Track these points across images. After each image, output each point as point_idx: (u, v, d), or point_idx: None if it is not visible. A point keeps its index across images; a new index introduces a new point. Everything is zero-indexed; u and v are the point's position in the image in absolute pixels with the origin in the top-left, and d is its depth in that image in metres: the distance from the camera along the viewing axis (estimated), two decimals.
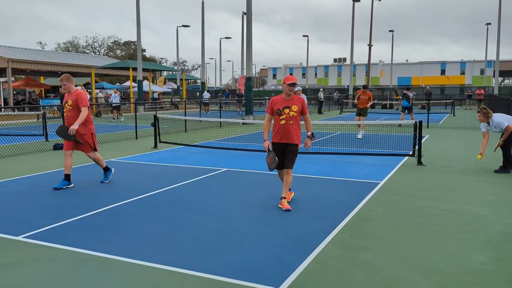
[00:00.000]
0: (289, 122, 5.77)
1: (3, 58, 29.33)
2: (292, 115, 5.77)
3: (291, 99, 5.85)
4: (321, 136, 14.84)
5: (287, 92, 5.84)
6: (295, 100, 5.85)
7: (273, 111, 5.88)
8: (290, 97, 5.86)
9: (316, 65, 78.79)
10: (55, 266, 3.93)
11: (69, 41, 76.89)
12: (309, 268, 3.89)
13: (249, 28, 21.66)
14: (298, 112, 5.83)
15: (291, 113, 5.77)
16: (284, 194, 5.82)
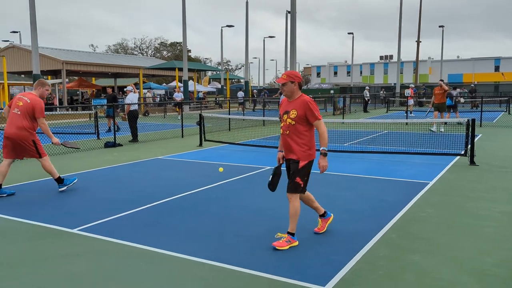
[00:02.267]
0: (286, 132, 4.49)
1: (58, 60, 30.92)
2: (290, 123, 4.44)
3: (293, 102, 4.49)
4: (367, 135, 14.55)
5: (285, 93, 4.53)
6: (296, 104, 4.44)
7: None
8: (292, 99, 4.50)
9: (362, 62, 77.24)
10: (108, 258, 4.10)
11: (118, 43, 79.79)
12: (356, 268, 3.84)
13: (293, 26, 21.58)
14: (298, 119, 4.40)
15: (288, 121, 4.45)
16: (290, 229, 4.45)
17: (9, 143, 6.50)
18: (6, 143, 6.51)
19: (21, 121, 6.42)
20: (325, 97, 33.68)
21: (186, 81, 31.35)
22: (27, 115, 6.45)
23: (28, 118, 6.46)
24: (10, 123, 6.46)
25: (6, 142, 6.51)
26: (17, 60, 32.58)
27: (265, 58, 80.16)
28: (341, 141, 12.72)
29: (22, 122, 6.42)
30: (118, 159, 10.00)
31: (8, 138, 6.48)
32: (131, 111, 13.57)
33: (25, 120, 6.44)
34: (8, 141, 6.50)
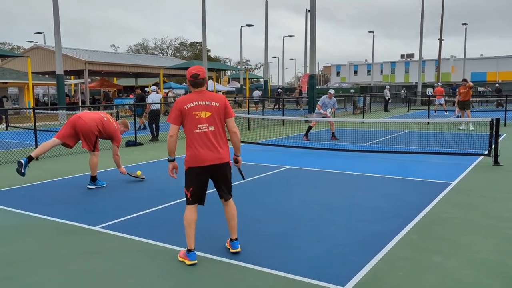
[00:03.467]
0: None
1: (81, 60, 31.51)
2: None
3: None
4: (387, 134, 14.37)
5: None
6: None
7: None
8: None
9: (382, 61, 76.29)
10: (128, 256, 4.16)
11: (139, 43, 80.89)
12: (376, 269, 3.79)
13: (313, 25, 21.48)
14: None
15: None
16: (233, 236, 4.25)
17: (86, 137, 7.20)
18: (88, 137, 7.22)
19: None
20: (345, 96, 33.39)
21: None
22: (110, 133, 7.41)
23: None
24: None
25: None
26: (41, 60, 33.35)
27: (284, 57, 79.75)
28: (361, 141, 12.59)
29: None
30: (140, 158, 10.13)
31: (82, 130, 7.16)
32: (152, 111, 13.77)
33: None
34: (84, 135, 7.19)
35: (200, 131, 3.97)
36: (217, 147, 4.01)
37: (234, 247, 4.16)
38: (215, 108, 4.00)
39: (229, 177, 4.15)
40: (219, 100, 4.04)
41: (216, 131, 4.02)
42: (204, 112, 3.97)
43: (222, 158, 4.03)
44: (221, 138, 4.06)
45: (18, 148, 11.66)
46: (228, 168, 4.11)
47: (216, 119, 4.01)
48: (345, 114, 25.78)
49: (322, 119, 13.03)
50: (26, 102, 27.62)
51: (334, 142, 12.52)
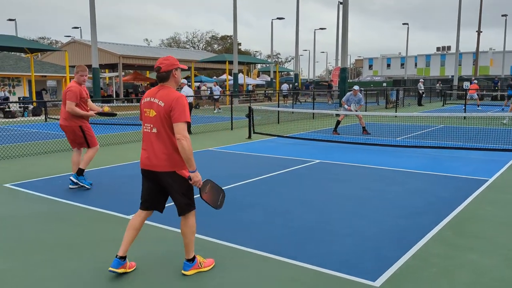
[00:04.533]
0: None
1: (116, 54, 32.23)
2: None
3: None
4: (421, 129, 14.03)
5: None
6: None
7: None
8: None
9: (417, 54, 74.29)
10: (162, 244, 4.26)
11: (171, 37, 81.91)
12: (408, 264, 3.73)
13: (345, 17, 21.15)
14: None
15: None
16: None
17: (66, 134, 6.56)
18: (66, 135, 6.58)
19: (63, 110, 6.38)
20: (377, 90, 32.78)
21: (236, 74, 31.63)
22: (64, 103, 6.36)
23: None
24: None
25: (66, 134, 6.58)
26: (77, 54, 34.36)
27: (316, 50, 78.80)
28: (394, 135, 12.35)
29: (63, 111, 6.38)
30: None
31: (62, 130, 6.54)
32: None
33: (64, 108, 6.36)
34: (65, 133, 6.56)
35: (146, 130, 3.52)
36: (154, 152, 3.45)
37: (183, 268, 3.59)
38: (159, 108, 3.40)
39: (178, 189, 3.48)
40: (167, 100, 3.38)
41: (159, 134, 3.43)
42: (151, 111, 3.46)
43: (154, 165, 3.45)
44: (163, 144, 3.43)
45: (56, 139, 12.09)
46: (171, 179, 3.45)
47: (161, 121, 3.41)
48: (377, 108, 25.32)
49: (349, 113, 12.86)
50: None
51: (366, 137, 12.34)
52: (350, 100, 12.97)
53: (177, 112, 3.34)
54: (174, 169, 3.43)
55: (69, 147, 10.57)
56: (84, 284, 3.45)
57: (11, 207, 5.59)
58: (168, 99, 3.39)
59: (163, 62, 3.49)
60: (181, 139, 3.30)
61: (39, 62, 29.48)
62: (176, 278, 3.53)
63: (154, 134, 3.45)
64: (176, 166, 3.44)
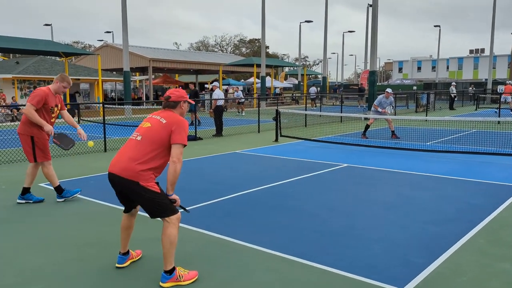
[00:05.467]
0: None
1: (146, 58, 32.92)
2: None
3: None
4: (452, 133, 13.69)
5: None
6: None
7: None
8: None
9: (448, 57, 72.55)
10: (185, 245, 4.31)
11: (200, 40, 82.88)
12: (438, 272, 3.65)
13: (375, 20, 20.88)
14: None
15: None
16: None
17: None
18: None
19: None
20: (406, 93, 32.18)
21: (264, 77, 31.73)
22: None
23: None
24: None
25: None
26: (109, 58, 35.26)
27: (344, 53, 77.83)
28: (424, 140, 12.10)
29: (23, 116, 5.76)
30: (198, 152, 10.43)
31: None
32: (217, 106, 14.07)
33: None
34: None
35: (131, 137, 3.53)
36: (127, 156, 3.37)
37: (161, 279, 3.43)
38: (159, 123, 3.44)
39: (144, 198, 3.37)
40: (170, 120, 3.44)
41: (142, 142, 3.39)
42: (147, 123, 3.51)
43: (124, 169, 3.33)
44: (140, 153, 3.35)
45: (89, 141, 12.42)
46: (135, 189, 3.34)
47: (152, 133, 3.40)
48: (406, 112, 24.85)
49: (380, 116, 12.66)
50: (96, 97, 29.33)
51: (395, 141, 12.13)
52: (383, 103, 12.78)
53: (178, 135, 3.38)
54: (138, 181, 3.32)
55: (100, 148, 10.87)
56: (107, 281, 3.54)
57: (46, 206, 5.79)
58: (172, 119, 3.46)
59: (173, 93, 3.63)
60: (176, 162, 3.34)
61: (73, 65, 30.42)
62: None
63: (136, 141, 3.44)
64: (141, 178, 3.33)
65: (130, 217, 3.77)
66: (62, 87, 5.85)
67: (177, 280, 3.43)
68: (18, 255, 4.10)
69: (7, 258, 4.02)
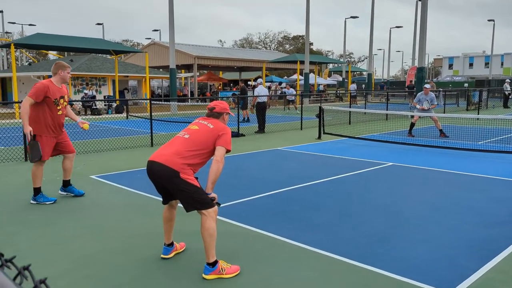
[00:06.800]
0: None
1: (191, 55, 33.54)
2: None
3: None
4: (506, 133, 13.00)
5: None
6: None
7: None
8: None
9: (503, 53, 68.77)
10: (229, 239, 4.38)
11: (244, 38, 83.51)
12: (488, 277, 3.50)
13: (424, 14, 20.18)
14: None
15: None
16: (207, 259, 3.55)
17: None
18: None
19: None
20: (457, 90, 30.87)
21: (307, 74, 31.46)
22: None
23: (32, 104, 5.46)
24: None
25: None
26: (156, 55, 36.23)
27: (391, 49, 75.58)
28: (475, 139, 11.58)
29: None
30: (240, 148, 10.53)
31: None
32: (258, 103, 14.09)
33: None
34: None
35: (179, 135, 3.72)
36: (175, 150, 3.52)
37: (204, 271, 3.53)
38: (206, 127, 3.68)
39: (181, 189, 3.43)
40: (217, 126, 3.70)
41: (189, 140, 3.59)
42: (194, 126, 3.74)
43: (167, 160, 3.45)
44: (188, 149, 3.53)
45: (136, 135, 12.87)
46: (174, 179, 3.42)
47: (199, 135, 3.62)
48: (457, 110, 23.86)
49: (423, 114, 12.25)
50: (143, 94, 30.26)
51: (443, 140, 11.70)
52: (422, 100, 12.39)
53: (225, 140, 3.64)
54: (179, 171, 3.43)
55: (147, 142, 11.22)
56: (153, 271, 3.66)
57: (97, 197, 6.06)
58: (219, 126, 3.71)
59: (218, 105, 3.86)
60: (219, 162, 3.55)
61: (122, 63, 31.53)
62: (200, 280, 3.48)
63: (184, 139, 3.62)
64: (182, 170, 3.44)
65: (171, 209, 3.89)
66: (67, 74, 5.65)
67: (219, 273, 3.51)
68: (70, 243, 4.32)
69: (61, 245, 4.25)
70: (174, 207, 3.92)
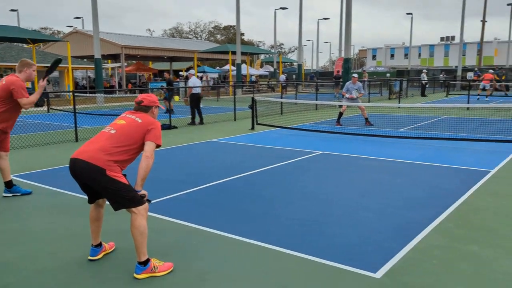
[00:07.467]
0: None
1: (118, 44, 32.16)
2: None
3: None
4: (424, 120, 13.99)
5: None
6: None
7: None
8: None
9: (420, 44, 73.75)
10: (162, 236, 4.29)
11: (174, 27, 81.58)
12: (409, 256, 3.75)
13: (349, 7, 20.97)
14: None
15: None
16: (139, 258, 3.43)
17: None
18: None
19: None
20: (380, 80, 32.61)
21: (239, 65, 31.54)
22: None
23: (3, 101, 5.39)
24: None
25: None
26: (79, 45, 34.26)
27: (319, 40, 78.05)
28: (397, 127, 12.32)
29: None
30: (173, 141, 10.32)
31: None
32: (193, 94, 13.84)
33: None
34: None
35: (104, 131, 3.53)
36: (100, 146, 3.35)
37: (135, 271, 3.41)
38: (134, 122, 3.51)
39: (111, 186, 3.29)
40: (146, 120, 3.53)
41: (115, 136, 3.41)
42: (121, 120, 3.56)
43: (91, 157, 3.29)
44: (114, 145, 3.36)
45: (59, 130, 12.12)
46: (102, 176, 3.27)
47: (127, 130, 3.45)
48: (380, 99, 25.22)
49: (351, 104, 12.80)
50: (66, 86, 28.54)
51: (368, 128, 12.31)
52: (350, 89, 12.93)
53: (154, 135, 3.49)
54: (105, 169, 3.27)
55: (71, 137, 10.62)
56: (80, 274, 3.48)
57: (17, 199, 5.63)
58: (148, 120, 3.55)
59: (146, 98, 3.70)
60: (149, 157, 3.40)
61: (41, 52, 29.45)
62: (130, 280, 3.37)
63: (110, 134, 3.44)
64: (108, 167, 3.29)
65: (98, 208, 3.70)
66: (33, 72, 5.57)
67: (152, 271, 3.41)
68: None
69: None
70: (101, 206, 3.74)
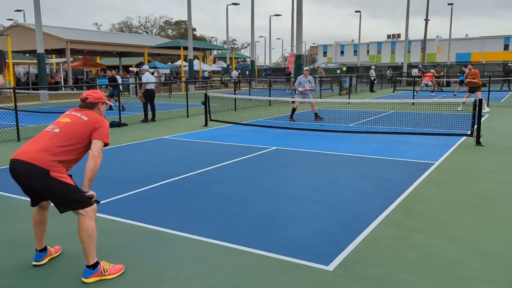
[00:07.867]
0: None
1: (63, 39, 30.74)
2: None
3: None
4: (372, 115, 14.45)
5: None
6: None
7: None
8: None
9: (369, 41, 76.16)
10: (112, 237, 4.14)
11: (123, 21, 79.21)
12: (360, 247, 3.85)
13: (300, 4, 21.25)
14: None
15: None
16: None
17: None
18: None
19: None
20: (331, 77, 33.37)
21: (191, 60, 31.13)
22: None
23: None
24: None
25: None
26: (21, 39, 32.44)
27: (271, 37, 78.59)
28: (347, 122, 12.65)
29: None
30: (123, 139, 10.02)
31: None
32: (147, 90, 13.47)
33: None
34: None
35: (47, 129, 3.34)
36: (42, 146, 3.16)
37: (83, 275, 3.27)
38: (79, 119, 3.35)
39: (55, 188, 3.14)
40: (92, 118, 3.38)
41: (59, 135, 3.24)
42: (66, 118, 3.40)
43: (32, 157, 3.10)
44: (58, 145, 3.19)
45: (1, 129, 11.42)
46: (45, 177, 3.10)
47: (72, 128, 3.29)
48: (331, 95, 25.81)
49: (304, 100, 13.00)
50: (7, 82, 26.92)
51: (319, 123, 12.55)
52: (302, 82, 13.13)
53: (101, 133, 3.35)
54: (49, 169, 3.11)
55: (13, 137, 10.04)
56: (24, 281, 3.30)
57: None
58: (95, 118, 3.40)
59: (91, 94, 3.55)
60: (97, 157, 3.27)
61: None
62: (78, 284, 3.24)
63: (53, 133, 3.26)
64: (52, 168, 3.13)
65: (42, 211, 3.51)
66: None
67: (101, 274, 3.29)
68: None
69: None
70: (45, 209, 3.54)
